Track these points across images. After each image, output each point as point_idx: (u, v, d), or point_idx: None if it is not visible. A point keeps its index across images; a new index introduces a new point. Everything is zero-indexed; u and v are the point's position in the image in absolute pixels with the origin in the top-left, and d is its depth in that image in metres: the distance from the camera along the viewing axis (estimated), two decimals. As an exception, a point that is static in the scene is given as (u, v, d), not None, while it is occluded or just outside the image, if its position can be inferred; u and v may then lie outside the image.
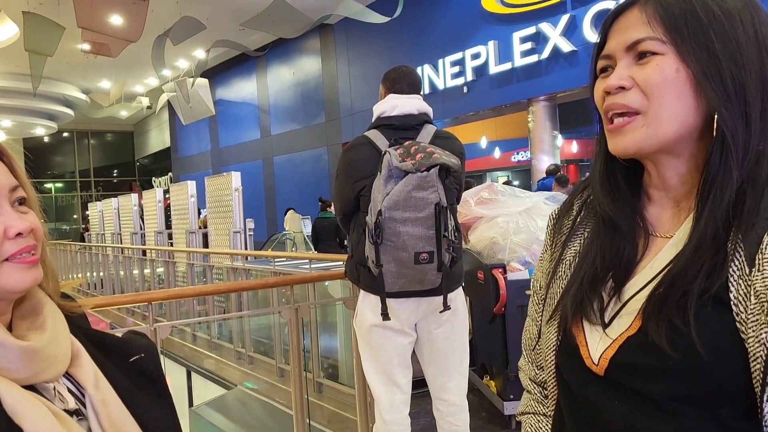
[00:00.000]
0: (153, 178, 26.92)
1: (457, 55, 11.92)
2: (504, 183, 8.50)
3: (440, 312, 2.54)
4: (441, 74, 12.29)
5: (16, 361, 0.76)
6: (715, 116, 0.78)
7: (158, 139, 26.29)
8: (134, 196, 11.96)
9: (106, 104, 18.99)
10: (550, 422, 0.99)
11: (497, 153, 18.73)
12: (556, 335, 0.90)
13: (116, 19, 11.57)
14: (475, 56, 11.55)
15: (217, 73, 19.08)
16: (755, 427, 0.72)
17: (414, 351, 2.71)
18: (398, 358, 2.62)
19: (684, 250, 0.78)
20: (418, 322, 2.62)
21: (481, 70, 11.52)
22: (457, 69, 11.96)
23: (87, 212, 18.79)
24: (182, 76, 16.25)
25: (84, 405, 0.85)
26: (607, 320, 0.83)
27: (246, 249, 7.54)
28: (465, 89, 11.87)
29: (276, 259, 5.56)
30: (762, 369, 0.70)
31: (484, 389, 4.06)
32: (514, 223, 3.84)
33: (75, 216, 27.03)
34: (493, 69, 11.24)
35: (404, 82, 2.67)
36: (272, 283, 3.69)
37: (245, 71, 18.62)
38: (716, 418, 0.75)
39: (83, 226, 21.86)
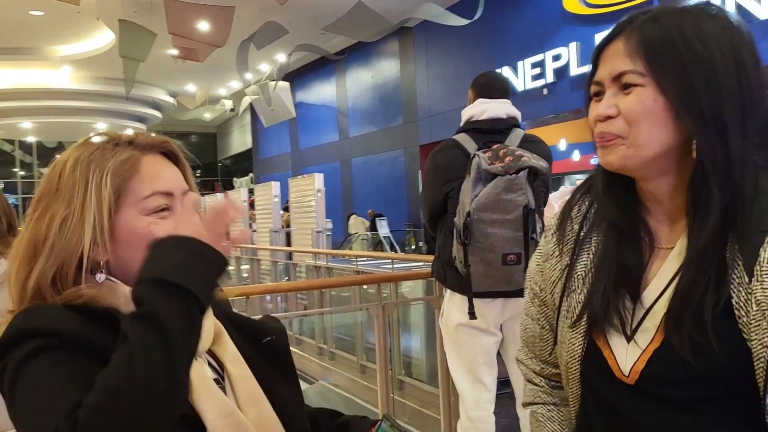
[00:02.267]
0: (234, 179, 27.73)
1: (538, 57, 11.78)
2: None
3: (527, 313, 2.57)
4: (521, 76, 12.18)
5: None
6: (693, 142, 0.83)
7: (240, 140, 27.09)
8: (219, 196, 12.40)
9: (191, 107, 19.73)
10: (561, 411, 1.06)
11: (576, 156, 18.37)
12: (582, 345, 0.95)
13: (204, 25, 12.02)
14: (556, 58, 11.39)
15: (297, 77, 19.51)
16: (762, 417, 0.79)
17: (499, 351, 2.76)
18: (484, 357, 2.67)
19: (685, 265, 0.85)
20: (504, 323, 2.66)
21: (561, 72, 11.34)
22: (537, 71, 11.82)
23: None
24: (264, 80, 16.71)
25: (222, 379, 0.96)
26: (629, 332, 0.89)
27: (326, 248, 7.72)
28: (545, 91, 11.72)
29: (359, 259, 5.69)
30: (765, 368, 0.78)
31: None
32: (598, 227, 3.81)
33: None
34: (575, 71, 11.05)
35: (493, 87, 2.71)
36: (363, 280, 3.81)
37: (325, 74, 18.97)
38: (734, 412, 0.84)
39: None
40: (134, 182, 0.93)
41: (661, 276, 0.89)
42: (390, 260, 5.43)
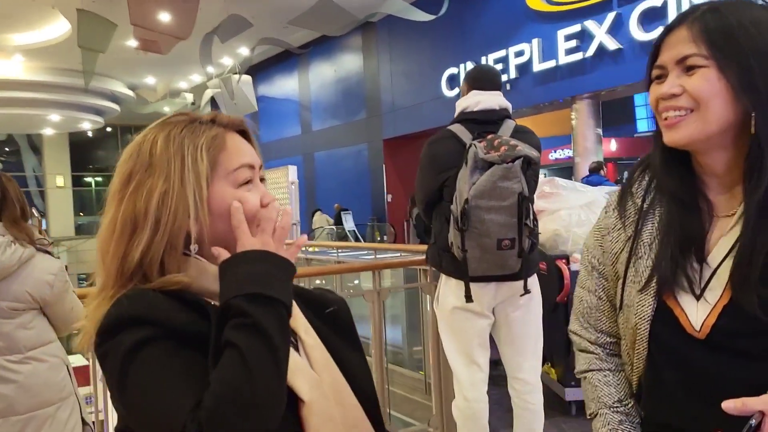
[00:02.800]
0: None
1: (501, 53, 11.96)
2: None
3: (521, 295, 2.70)
4: (484, 72, 12.32)
5: None
6: (752, 116, 0.94)
7: (199, 134, 26.63)
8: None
9: (152, 100, 19.39)
10: (617, 376, 1.14)
11: (535, 150, 18.72)
12: (652, 306, 1.03)
13: (167, 17, 11.85)
14: (519, 54, 11.59)
15: (259, 70, 19.35)
16: None
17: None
18: (478, 339, 2.78)
19: (744, 230, 0.95)
20: (496, 306, 2.77)
21: (524, 68, 11.56)
22: (500, 66, 11.99)
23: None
24: (226, 73, 16.56)
25: (296, 349, 1.02)
26: (698, 291, 0.99)
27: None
28: (508, 87, 11.90)
29: (339, 250, 5.75)
30: None
31: (543, 377, 4.19)
32: (576, 216, 3.97)
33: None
34: (537, 67, 11.27)
35: (486, 80, 2.82)
36: (358, 267, 3.89)
37: (287, 68, 18.87)
38: None
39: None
40: (222, 156, 0.99)
41: (725, 240, 0.99)
42: (372, 250, 5.52)
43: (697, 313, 0.99)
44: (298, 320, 1.04)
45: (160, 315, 0.87)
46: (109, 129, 25.63)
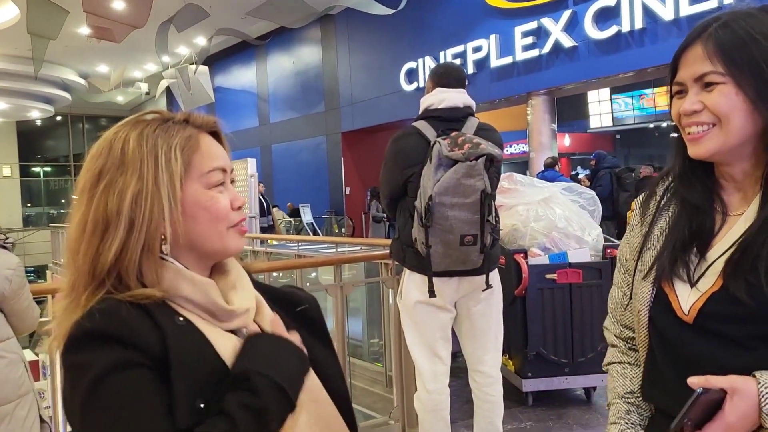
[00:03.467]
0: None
1: (459, 48, 12.06)
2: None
3: (483, 290, 2.75)
4: (442, 66, 12.40)
5: (225, 317, 0.97)
6: None
7: (153, 125, 26.06)
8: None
9: (105, 89, 18.90)
10: (634, 369, 1.20)
11: (492, 145, 18.90)
12: (650, 292, 1.10)
13: (122, 4, 11.58)
14: (477, 49, 11.70)
15: (216, 61, 19.08)
16: None
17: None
18: (440, 332, 2.83)
19: (753, 225, 1.01)
20: (459, 300, 2.83)
21: (482, 64, 11.68)
22: (458, 62, 12.09)
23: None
24: (182, 63, 16.27)
25: None
26: (694, 279, 1.05)
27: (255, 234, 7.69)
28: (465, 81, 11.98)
29: (300, 244, 5.75)
30: None
31: (501, 368, 4.27)
32: (533, 211, 4.05)
33: (63, 200, 26.60)
34: (494, 62, 11.41)
35: (451, 77, 2.85)
36: (322, 261, 3.89)
37: (245, 59, 18.65)
38: None
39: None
40: (196, 158, 0.98)
41: (728, 237, 1.04)
42: (332, 244, 5.54)
43: (688, 298, 1.04)
44: (268, 319, 1.04)
45: (133, 336, 0.86)
46: (59, 118, 24.92)
